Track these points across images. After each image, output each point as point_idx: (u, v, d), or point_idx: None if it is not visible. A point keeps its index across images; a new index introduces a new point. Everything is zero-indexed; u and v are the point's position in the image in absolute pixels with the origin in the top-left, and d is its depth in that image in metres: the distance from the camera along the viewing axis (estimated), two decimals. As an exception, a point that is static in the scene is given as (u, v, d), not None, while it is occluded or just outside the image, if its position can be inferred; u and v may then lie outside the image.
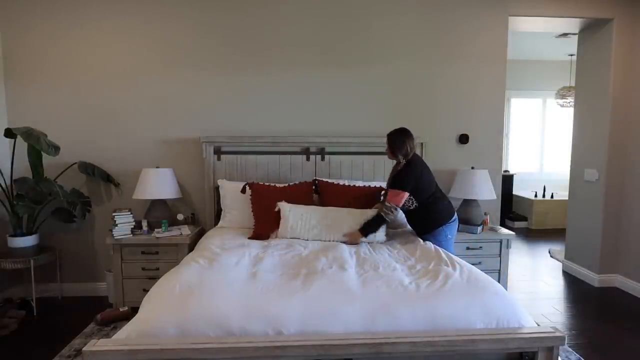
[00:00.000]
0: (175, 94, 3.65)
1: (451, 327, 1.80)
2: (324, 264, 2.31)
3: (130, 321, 1.78)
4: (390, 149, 2.86)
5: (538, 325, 1.87)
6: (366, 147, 3.65)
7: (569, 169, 4.48)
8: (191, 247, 3.13)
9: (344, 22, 3.68)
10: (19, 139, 3.16)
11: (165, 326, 1.72)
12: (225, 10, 3.61)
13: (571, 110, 5.08)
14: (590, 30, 4.15)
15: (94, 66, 3.58)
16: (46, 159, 3.39)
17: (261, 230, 3.01)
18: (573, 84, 5.88)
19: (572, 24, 4.07)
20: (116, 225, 3.19)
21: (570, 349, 2.79)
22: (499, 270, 3.47)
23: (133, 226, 3.29)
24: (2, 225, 3.49)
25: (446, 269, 2.19)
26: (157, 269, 3.22)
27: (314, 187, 3.35)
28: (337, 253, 2.52)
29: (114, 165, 3.65)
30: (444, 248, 2.78)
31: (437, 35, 3.74)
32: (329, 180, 3.40)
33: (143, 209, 3.57)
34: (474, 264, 3.32)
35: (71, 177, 3.55)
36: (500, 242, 3.46)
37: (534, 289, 4.05)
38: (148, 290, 2.05)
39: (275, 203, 3.09)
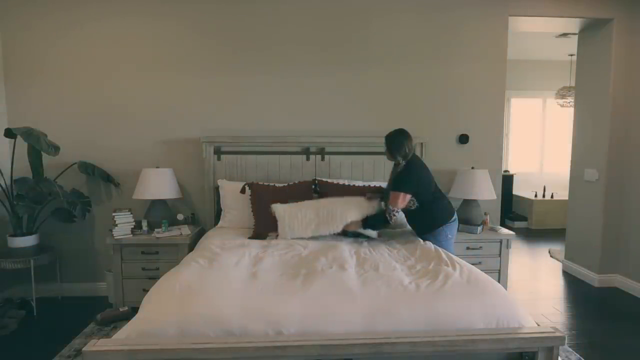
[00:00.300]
0: (176, 94, 3.65)
1: (451, 327, 1.80)
2: (323, 264, 2.31)
3: (130, 321, 1.78)
4: (388, 151, 2.87)
5: (538, 325, 1.87)
6: (366, 147, 3.65)
7: (569, 169, 4.48)
8: (191, 247, 3.13)
9: (344, 22, 3.68)
10: (19, 139, 3.16)
11: (165, 326, 1.71)
12: (225, 11, 3.61)
13: (571, 110, 5.08)
14: (590, 30, 4.15)
15: (94, 66, 3.58)
16: (46, 159, 3.39)
17: (261, 230, 3.01)
18: (573, 84, 5.87)
19: (572, 24, 4.07)
20: (116, 225, 3.19)
21: (570, 349, 2.79)
22: (499, 270, 3.47)
23: (133, 226, 3.29)
24: (2, 225, 3.49)
25: (446, 269, 2.19)
26: (157, 269, 3.22)
27: (314, 187, 3.35)
28: (337, 253, 2.52)
29: (114, 165, 3.65)
30: (444, 248, 2.77)
31: (437, 35, 3.74)
32: (329, 180, 3.40)
33: (143, 209, 3.57)
34: (474, 264, 3.32)
35: (71, 177, 3.55)
36: (500, 242, 3.46)
37: (534, 289, 4.05)
38: (148, 290, 2.04)
39: (276, 202, 3.08)
